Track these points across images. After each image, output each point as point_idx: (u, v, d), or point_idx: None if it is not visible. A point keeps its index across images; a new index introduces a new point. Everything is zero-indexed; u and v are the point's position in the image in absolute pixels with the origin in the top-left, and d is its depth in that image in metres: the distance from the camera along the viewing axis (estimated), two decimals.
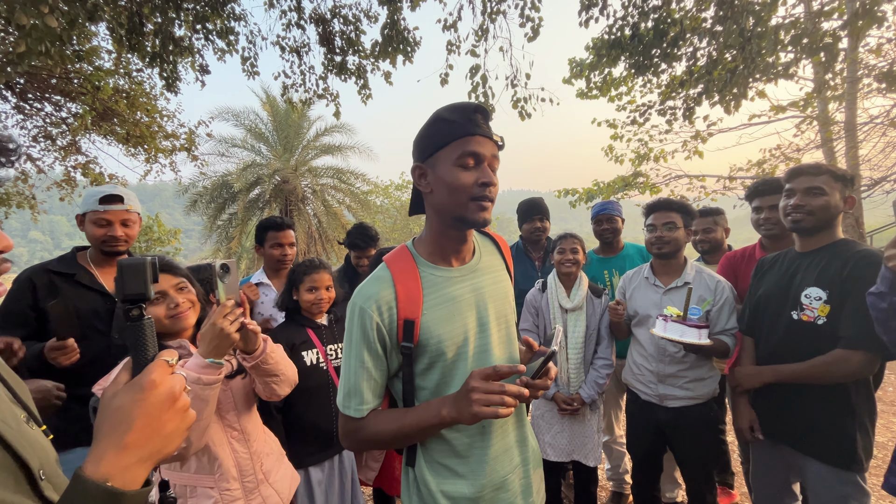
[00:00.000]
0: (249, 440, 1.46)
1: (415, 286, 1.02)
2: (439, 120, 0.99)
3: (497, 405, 0.87)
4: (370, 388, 1.01)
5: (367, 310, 0.99)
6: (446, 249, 1.07)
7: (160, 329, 1.31)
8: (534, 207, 2.80)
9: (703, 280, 2.04)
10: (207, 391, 1.18)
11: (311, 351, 1.95)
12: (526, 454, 1.15)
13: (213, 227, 15.50)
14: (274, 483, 1.49)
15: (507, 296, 1.17)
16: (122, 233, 1.84)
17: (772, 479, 1.85)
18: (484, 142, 0.97)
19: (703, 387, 2.00)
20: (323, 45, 4.49)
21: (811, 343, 1.60)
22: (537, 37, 3.68)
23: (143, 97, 6.16)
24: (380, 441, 1.02)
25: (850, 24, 3.17)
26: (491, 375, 0.88)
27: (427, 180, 1.02)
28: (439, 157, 0.98)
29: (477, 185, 0.96)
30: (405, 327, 0.99)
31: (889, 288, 1.24)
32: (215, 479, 1.35)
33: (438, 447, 1.04)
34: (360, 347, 1.00)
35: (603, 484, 2.99)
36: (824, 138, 7.22)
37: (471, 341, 1.04)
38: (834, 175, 1.62)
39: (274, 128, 15.92)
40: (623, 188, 9.57)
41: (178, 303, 1.32)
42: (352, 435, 1.03)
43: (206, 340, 1.20)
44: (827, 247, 1.65)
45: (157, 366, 0.58)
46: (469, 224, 1.01)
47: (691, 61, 3.65)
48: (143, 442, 0.53)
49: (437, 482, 1.03)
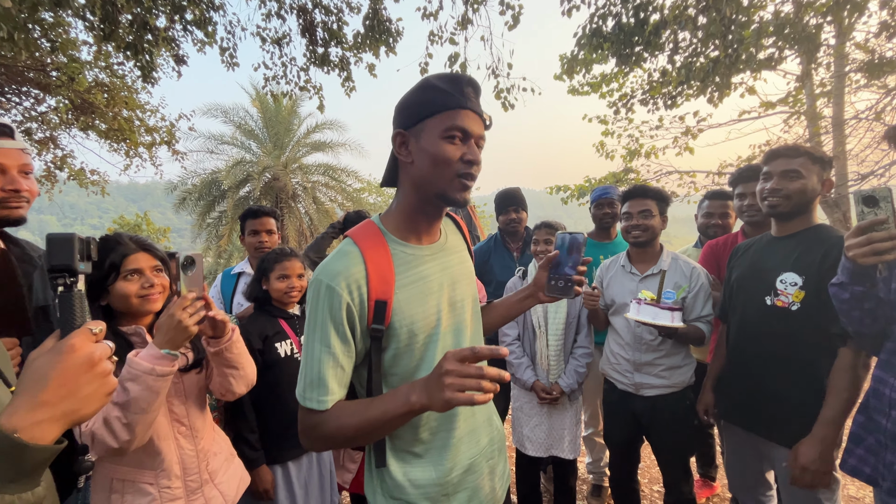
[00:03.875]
0: (197, 437, 1.39)
1: (386, 264, 0.94)
2: (429, 87, 0.93)
3: (473, 390, 0.76)
4: (336, 376, 0.90)
5: (335, 288, 0.89)
6: (419, 226, 1.00)
7: (127, 308, 1.26)
8: (509, 198, 2.75)
9: (679, 267, 2.01)
10: (160, 382, 1.13)
11: (286, 342, 1.89)
12: (492, 434, 1.11)
13: (203, 225, 15.36)
14: (219, 484, 1.42)
15: (472, 276, 1.14)
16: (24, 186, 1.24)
17: (745, 468, 1.82)
18: (474, 118, 0.93)
19: (679, 375, 1.97)
20: (304, 37, 4.41)
21: (784, 328, 1.57)
22: (517, 25, 3.63)
23: (124, 91, 6.05)
24: (343, 437, 0.89)
25: (835, 14, 3.15)
26: (468, 357, 0.77)
27: (408, 149, 0.95)
28: (425, 127, 0.92)
29: (462, 161, 0.91)
30: (376, 308, 0.91)
31: (849, 278, 1.21)
32: (155, 474, 1.27)
33: (403, 433, 0.98)
34: (326, 331, 0.89)
35: (584, 477, 2.96)
36: (812, 133, 7.23)
37: (443, 323, 0.99)
38: (812, 157, 1.58)
39: (264, 124, 15.78)
40: (615, 184, 9.56)
41: (153, 283, 1.28)
42: (312, 431, 0.91)
43: (162, 331, 1.16)
44: (804, 231, 1.62)
45: (80, 332, 0.60)
46: (449, 202, 0.95)
47: (674, 51, 3.62)
48: (57, 401, 0.55)
49: (403, 469, 0.98)
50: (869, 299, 1.22)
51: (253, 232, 2.35)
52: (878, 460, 1.21)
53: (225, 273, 2.50)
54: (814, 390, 1.49)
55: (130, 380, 1.10)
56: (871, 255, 1.12)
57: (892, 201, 1.11)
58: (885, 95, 5.84)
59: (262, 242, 2.33)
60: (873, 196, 1.13)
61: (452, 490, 1.00)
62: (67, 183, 7.29)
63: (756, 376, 1.65)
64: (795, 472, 1.47)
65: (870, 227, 1.13)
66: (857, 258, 1.15)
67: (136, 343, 1.28)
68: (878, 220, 1.12)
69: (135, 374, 1.10)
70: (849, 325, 1.31)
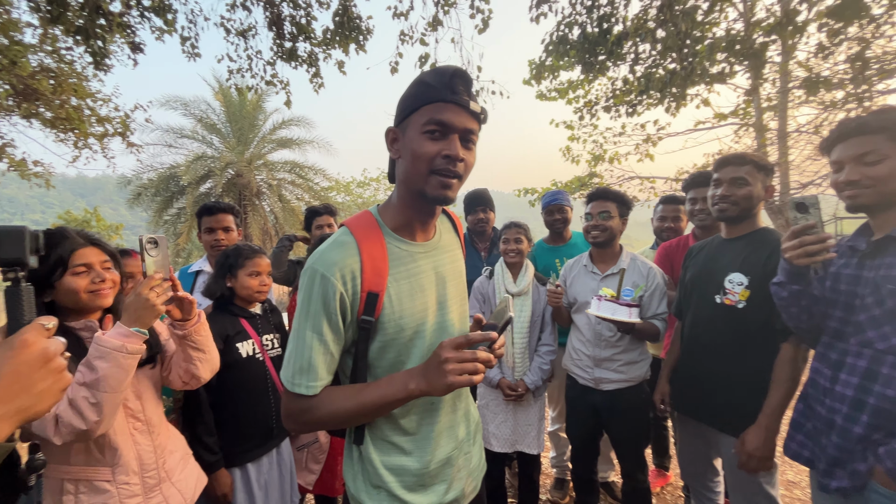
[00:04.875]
0: (153, 433, 1.36)
1: (381, 257, 0.95)
2: (417, 82, 0.93)
3: (470, 373, 0.86)
4: (325, 363, 0.93)
5: (330, 278, 0.90)
6: (413, 222, 1.01)
7: (76, 304, 1.24)
8: (477, 199, 2.80)
9: (637, 267, 2.11)
10: (129, 360, 1.15)
11: (247, 342, 1.83)
12: (470, 427, 1.14)
13: (160, 223, 14.61)
14: (177, 482, 1.39)
15: (463, 275, 1.16)
16: None
17: (695, 456, 1.93)
18: (457, 111, 0.89)
19: (636, 369, 2.07)
20: (271, 30, 4.30)
21: (731, 325, 1.68)
22: (487, 29, 3.70)
23: (73, 77, 5.67)
24: (335, 420, 0.94)
25: (778, 32, 3.39)
26: (462, 344, 0.87)
27: (397, 146, 0.96)
28: (410, 122, 0.92)
29: (440, 157, 0.89)
30: (368, 300, 0.92)
31: (787, 277, 1.32)
32: (112, 470, 1.23)
33: (386, 424, 1.00)
34: (318, 319, 0.91)
35: (548, 471, 3.04)
36: (759, 144, 7.75)
37: (430, 319, 1.01)
38: (757, 165, 1.70)
39: (227, 119, 15.21)
40: (579, 188, 9.87)
41: (104, 278, 1.26)
42: (301, 415, 0.94)
43: (130, 310, 1.19)
44: (750, 234, 1.74)
45: (32, 327, 0.59)
46: (428, 199, 0.93)
47: (635, 62, 3.79)
48: (10, 398, 0.54)
49: (384, 459, 1.00)
50: (805, 297, 1.33)
51: (209, 229, 2.26)
52: (816, 444, 1.32)
53: (182, 271, 2.40)
54: (758, 383, 1.60)
55: (99, 357, 1.11)
56: (803, 257, 1.23)
57: (819, 208, 1.22)
58: (823, 111, 6.34)
59: (219, 240, 2.25)
60: (804, 203, 1.24)
61: (430, 481, 1.02)
62: (6, 174, 6.76)
63: (706, 370, 1.76)
64: (742, 458, 1.58)
65: (802, 231, 1.24)
66: (793, 259, 1.25)
67: (85, 339, 1.24)
68: (808, 224, 1.23)
69: (104, 351, 1.11)
70: (788, 321, 1.42)
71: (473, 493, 1.14)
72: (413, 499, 1.00)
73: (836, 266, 1.33)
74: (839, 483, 1.20)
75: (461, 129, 0.90)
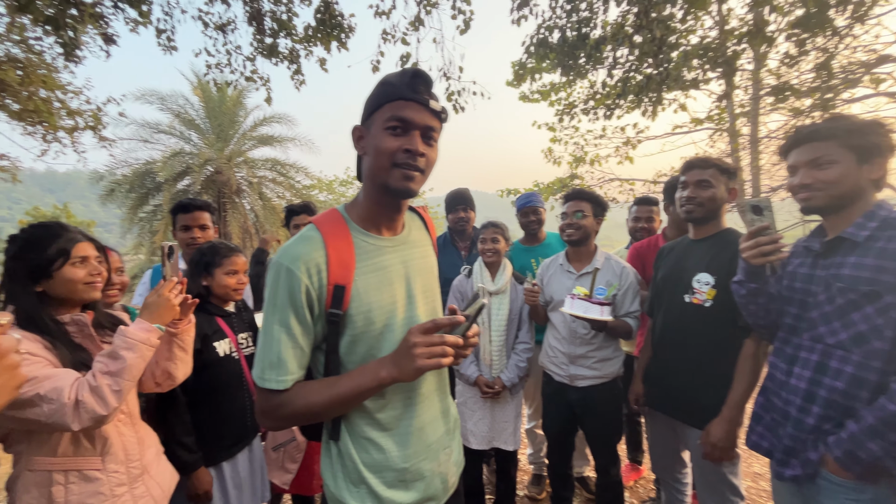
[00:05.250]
0: (135, 425, 1.41)
1: (347, 250, 0.97)
2: (382, 82, 0.98)
3: (439, 356, 0.88)
4: (295, 357, 0.93)
5: (294, 271, 0.91)
6: (380, 217, 1.04)
7: (69, 293, 1.29)
8: (458, 198, 2.83)
9: (611, 266, 2.16)
10: (150, 352, 1.28)
11: (224, 341, 1.83)
12: (449, 424, 1.16)
13: (135, 220, 14.15)
14: (155, 475, 1.42)
15: (434, 271, 1.18)
16: None
17: (664, 449, 2.00)
18: (417, 109, 0.94)
19: (609, 366, 2.12)
20: (251, 25, 4.24)
21: (698, 323, 1.74)
22: (468, 30, 3.73)
23: (42, 68, 5.46)
24: (310, 413, 0.94)
25: (749, 41, 3.52)
26: (430, 329, 0.89)
27: (362, 143, 1.00)
28: (374, 120, 0.96)
29: (401, 152, 0.93)
30: (335, 293, 0.94)
31: (745, 276, 1.39)
32: (102, 459, 1.27)
33: (363, 421, 1.00)
34: (285, 312, 0.92)
35: (526, 468, 3.08)
36: (733, 149, 8.01)
37: (399, 312, 1.02)
38: (720, 168, 1.77)
39: (206, 114, 14.83)
40: (561, 189, 10.02)
41: (100, 271, 1.35)
42: (274, 411, 0.93)
43: (152, 308, 1.33)
44: (715, 235, 1.81)
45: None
46: (392, 192, 0.96)
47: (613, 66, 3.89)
48: None
49: (363, 456, 1.00)
50: (762, 295, 1.39)
51: (185, 227, 2.22)
52: (774, 435, 1.39)
53: (155, 269, 2.36)
54: (723, 378, 1.67)
55: (127, 349, 1.21)
56: (759, 256, 1.29)
57: (773, 210, 1.29)
58: (792, 118, 6.59)
59: (195, 238, 2.21)
60: (758, 205, 1.30)
61: (410, 477, 1.03)
62: None
63: (675, 366, 1.82)
64: (707, 448, 1.65)
65: (757, 232, 1.30)
66: (749, 259, 1.31)
67: (71, 332, 1.29)
68: (762, 226, 1.29)
69: (132, 342, 1.23)
70: (748, 317, 1.49)
71: (452, 488, 1.16)
72: (394, 495, 1.00)
73: (792, 265, 1.40)
74: (793, 471, 1.27)
75: (421, 125, 0.95)
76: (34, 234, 1.27)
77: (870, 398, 1.14)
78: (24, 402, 1.06)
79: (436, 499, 1.09)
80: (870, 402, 1.14)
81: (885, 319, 1.12)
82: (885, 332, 1.12)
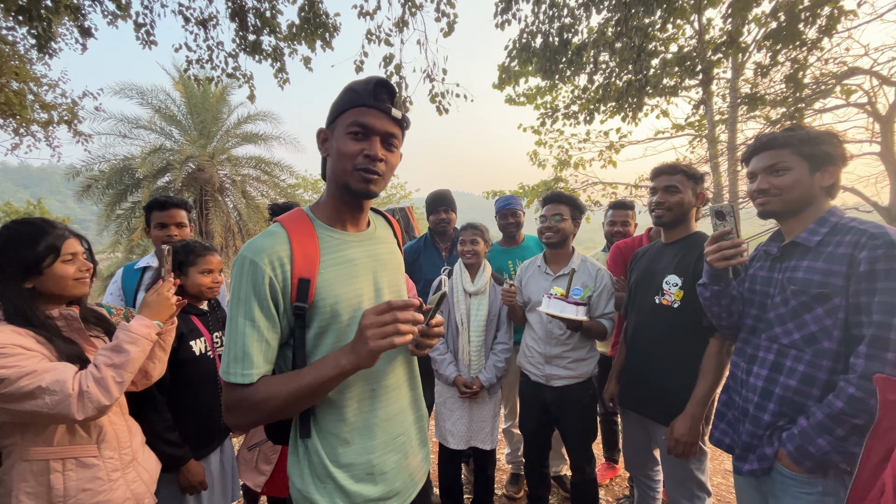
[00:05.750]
0: (125, 414, 1.47)
1: (311, 245, 0.99)
2: (346, 89, 1.01)
3: (391, 335, 0.86)
4: (261, 350, 0.92)
5: (258, 263, 0.92)
6: (343, 215, 1.07)
7: (60, 290, 1.32)
8: (439, 199, 2.85)
9: (587, 268, 2.21)
10: (149, 347, 1.36)
11: (199, 340, 1.82)
12: (419, 412, 1.18)
13: (112, 217, 13.78)
14: (143, 462, 1.48)
15: (401, 268, 1.21)
16: None
17: (637, 446, 2.05)
18: (378, 116, 0.98)
19: (584, 366, 2.17)
20: (233, 21, 4.19)
21: (667, 323, 1.80)
22: (452, 32, 3.76)
23: (14, 60, 5.30)
24: (273, 407, 0.91)
25: (723, 51, 3.63)
26: (383, 310, 0.88)
27: (326, 145, 1.04)
28: (337, 124, 1.00)
29: (362, 156, 0.97)
30: (300, 286, 0.95)
31: (709, 279, 1.44)
32: (98, 447, 1.32)
33: (329, 415, 1.01)
34: (249, 305, 0.92)
35: (504, 467, 3.12)
36: (711, 155, 8.24)
37: (365, 305, 1.03)
38: (687, 174, 1.83)
39: (188, 110, 14.54)
40: (545, 192, 10.15)
41: (88, 267, 1.38)
42: (237, 406, 0.92)
43: (152, 306, 1.43)
44: (683, 239, 1.87)
45: None
46: (353, 192, 1.00)
47: (594, 71, 3.97)
48: None
49: (329, 452, 1.00)
50: (724, 297, 1.45)
51: (160, 225, 2.17)
52: (734, 431, 1.44)
53: (127, 268, 2.30)
54: (689, 376, 1.72)
55: (131, 343, 1.29)
56: (721, 260, 1.35)
57: (735, 215, 1.34)
58: (766, 126, 6.81)
59: (171, 236, 2.17)
60: (721, 211, 1.36)
61: (378, 470, 1.04)
62: None
63: (646, 366, 1.87)
64: (671, 443, 1.70)
65: (720, 237, 1.35)
66: (712, 263, 1.37)
67: (62, 328, 1.32)
68: (724, 231, 1.34)
69: (135, 337, 1.31)
70: (711, 318, 1.55)
71: (420, 482, 1.17)
72: (361, 489, 1.01)
73: (753, 268, 1.46)
74: (750, 466, 1.32)
75: (382, 132, 0.99)
76: (20, 230, 1.28)
77: (820, 395, 1.20)
78: (25, 395, 1.10)
79: (403, 493, 1.10)
80: (820, 399, 1.20)
81: (833, 320, 1.18)
82: (833, 332, 1.18)
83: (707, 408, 1.69)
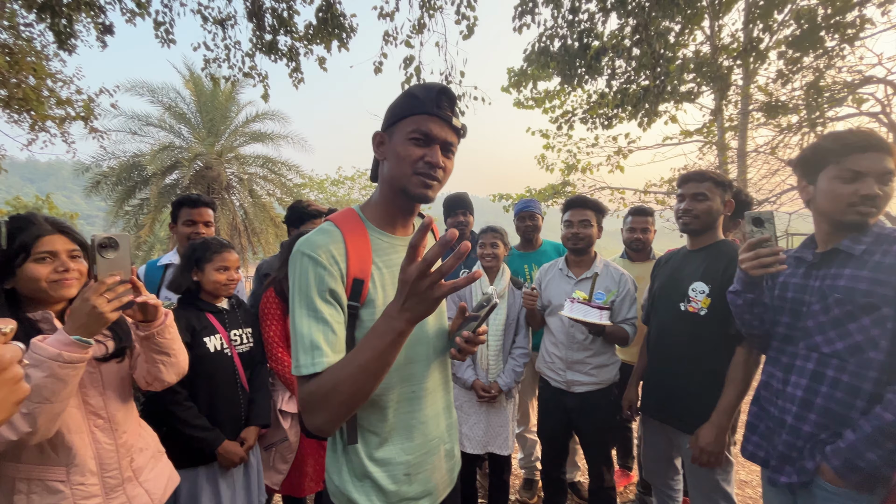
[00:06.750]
0: (117, 431, 1.30)
1: (364, 246, 1.00)
2: (407, 94, 1.02)
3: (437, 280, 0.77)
4: (328, 340, 0.90)
5: (317, 258, 0.93)
6: (394, 218, 1.08)
7: (36, 294, 1.18)
8: (457, 202, 2.84)
9: (610, 273, 2.20)
10: (67, 370, 1.04)
11: (215, 336, 1.81)
12: (450, 420, 1.18)
13: (120, 213, 13.89)
14: (144, 482, 1.34)
15: None
16: None
17: (657, 455, 2.03)
18: (440, 124, 0.99)
19: (606, 373, 2.15)
20: (251, 21, 4.20)
21: (693, 331, 1.78)
22: (472, 35, 3.76)
23: (32, 55, 5.33)
24: (343, 395, 0.85)
25: (742, 58, 3.61)
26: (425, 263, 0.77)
27: (383, 149, 1.05)
28: (396, 129, 1.01)
29: (422, 161, 0.98)
30: (354, 286, 0.96)
31: (742, 287, 1.42)
32: (67, 470, 1.18)
33: (371, 415, 1.02)
34: (311, 299, 0.92)
35: (516, 472, 3.09)
36: (721, 161, 8.21)
37: None
38: (715, 182, 1.82)
39: (197, 109, 14.65)
40: (552, 196, 10.13)
41: (67, 267, 1.21)
42: (310, 402, 0.88)
43: (74, 317, 1.09)
44: (710, 246, 1.85)
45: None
46: (411, 196, 1.01)
47: (611, 77, 3.96)
48: None
49: (369, 450, 1.01)
50: (758, 305, 1.43)
51: (190, 222, 2.21)
52: (769, 444, 1.42)
53: (150, 264, 2.32)
54: (715, 384, 1.70)
55: (33, 366, 1.01)
56: (758, 268, 1.32)
57: (774, 223, 1.32)
58: (779, 133, 6.77)
59: (199, 234, 2.20)
60: (760, 218, 1.33)
61: (414, 471, 1.05)
62: None
63: (669, 374, 1.85)
64: (695, 452, 1.68)
65: (758, 244, 1.33)
66: (748, 270, 1.34)
67: (45, 331, 1.18)
68: (763, 238, 1.32)
69: (38, 359, 1.01)
70: (741, 326, 1.52)
71: (452, 483, 1.18)
72: (398, 488, 1.02)
73: (783, 276, 1.44)
74: (787, 479, 1.30)
75: (442, 140, 1.00)
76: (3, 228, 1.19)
77: (865, 407, 1.18)
78: None
79: (437, 492, 1.11)
80: (865, 411, 1.18)
81: (881, 330, 1.16)
82: (880, 342, 1.16)
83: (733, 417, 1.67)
